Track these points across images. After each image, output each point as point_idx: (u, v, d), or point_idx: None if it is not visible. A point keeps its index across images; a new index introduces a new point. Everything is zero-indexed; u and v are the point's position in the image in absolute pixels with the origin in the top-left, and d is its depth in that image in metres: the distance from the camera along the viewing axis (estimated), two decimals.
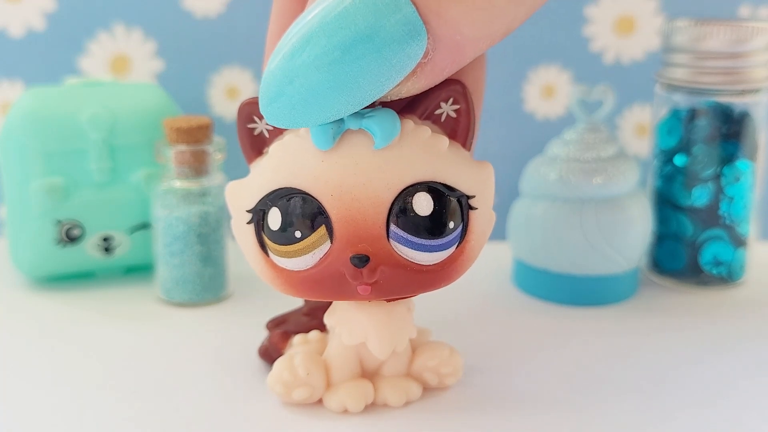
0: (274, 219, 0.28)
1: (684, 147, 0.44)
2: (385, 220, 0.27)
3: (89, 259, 0.44)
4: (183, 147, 0.40)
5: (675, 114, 0.44)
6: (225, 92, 0.52)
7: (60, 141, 0.42)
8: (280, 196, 0.27)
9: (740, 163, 0.43)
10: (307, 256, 0.28)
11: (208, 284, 0.42)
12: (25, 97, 0.42)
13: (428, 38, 0.24)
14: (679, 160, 0.44)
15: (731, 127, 0.43)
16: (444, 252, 0.28)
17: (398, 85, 0.25)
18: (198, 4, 0.50)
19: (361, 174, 0.26)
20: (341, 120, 0.26)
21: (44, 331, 0.39)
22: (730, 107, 0.43)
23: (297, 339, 0.33)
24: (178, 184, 0.41)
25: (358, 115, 0.26)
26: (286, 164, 0.27)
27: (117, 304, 0.42)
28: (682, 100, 0.44)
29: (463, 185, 0.28)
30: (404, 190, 0.27)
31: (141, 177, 0.43)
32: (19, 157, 0.42)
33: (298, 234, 0.27)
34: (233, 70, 0.51)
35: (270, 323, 0.35)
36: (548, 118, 0.53)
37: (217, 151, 0.41)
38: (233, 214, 0.29)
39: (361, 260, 0.27)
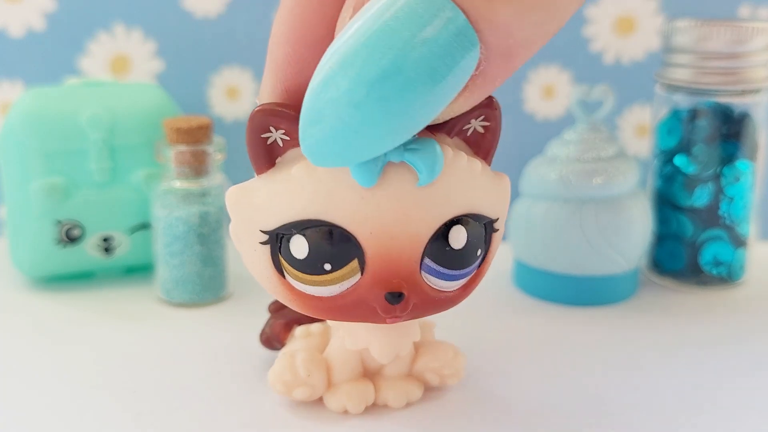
0: (299, 248, 0.26)
1: (684, 147, 0.44)
2: (420, 256, 0.26)
3: (89, 259, 0.44)
4: (183, 147, 0.40)
5: (675, 114, 0.44)
6: (225, 92, 0.52)
7: (60, 141, 0.42)
8: (308, 226, 0.26)
9: (740, 163, 0.43)
10: (334, 287, 0.26)
11: (208, 284, 0.42)
12: (25, 97, 0.42)
13: (480, 47, 0.22)
14: (679, 160, 0.44)
15: (731, 128, 0.43)
16: (468, 277, 0.28)
17: (449, 104, 0.23)
18: (198, 4, 0.50)
19: (401, 212, 0.25)
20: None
21: (44, 331, 0.39)
22: (730, 107, 0.43)
23: (299, 331, 0.33)
24: (178, 184, 0.41)
25: (400, 146, 0.24)
26: (319, 195, 0.25)
27: (117, 304, 0.42)
28: (682, 101, 0.44)
29: (490, 211, 0.27)
30: (442, 224, 0.26)
31: (141, 177, 0.43)
32: (19, 157, 0.42)
33: (327, 266, 0.26)
34: (233, 70, 0.51)
35: (272, 305, 0.35)
36: (548, 118, 0.53)
37: (217, 151, 0.41)
38: (235, 221, 0.28)
39: (396, 296, 0.26)
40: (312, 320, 0.34)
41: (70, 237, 0.43)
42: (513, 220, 0.43)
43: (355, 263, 0.26)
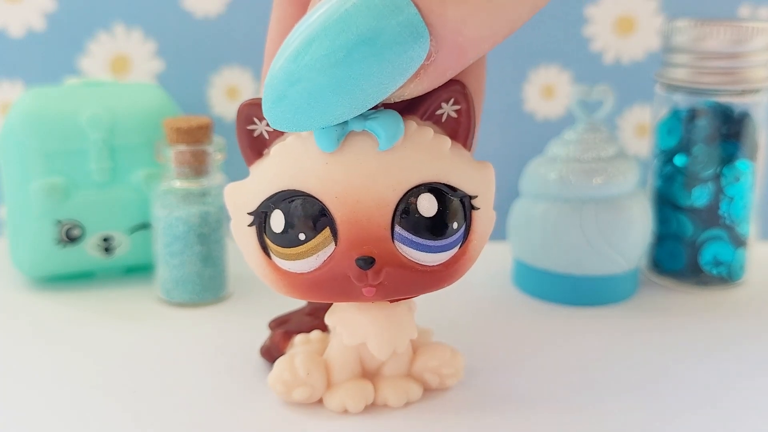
0: (277, 221, 0.28)
1: (684, 147, 0.44)
2: (389, 222, 0.27)
3: (89, 259, 0.44)
4: (183, 147, 0.40)
5: (675, 114, 0.44)
6: (225, 92, 0.52)
7: (60, 141, 0.42)
8: (283, 199, 0.27)
9: (740, 163, 0.43)
10: (311, 259, 0.27)
11: (208, 284, 0.42)
12: (25, 97, 0.42)
13: (431, 40, 0.24)
14: (679, 160, 0.44)
15: (731, 127, 0.43)
16: (447, 252, 0.28)
17: (401, 87, 0.25)
18: (198, 4, 0.50)
19: (365, 176, 0.26)
20: (345, 122, 0.26)
21: (44, 331, 0.39)
22: (730, 107, 0.43)
23: (298, 339, 0.33)
24: (178, 184, 0.41)
25: (362, 116, 0.26)
26: (289, 166, 0.27)
27: (117, 304, 0.42)
28: (682, 100, 0.44)
29: (465, 186, 0.28)
30: (408, 191, 0.27)
31: (141, 177, 0.43)
32: (19, 157, 0.42)
33: (302, 236, 0.27)
34: (233, 70, 0.51)
35: (272, 323, 0.35)
36: (548, 118, 0.53)
37: (217, 151, 0.41)
38: (233, 216, 0.29)
39: (366, 262, 0.27)
40: (310, 330, 0.34)
41: (70, 237, 0.43)
42: (513, 220, 0.43)
43: (327, 232, 0.27)
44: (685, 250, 0.45)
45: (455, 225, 0.28)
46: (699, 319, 0.41)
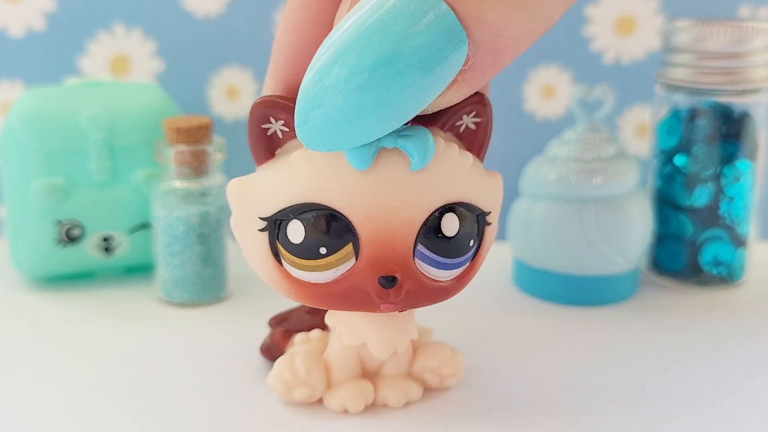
0: (296, 232, 0.27)
1: (684, 147, 0.44)
2: (413, 241, 0.27)
3: (89, 259, 0.44)
4: (183, 147, 0.40)
5: (675, 114, 0.44)
6: (225, 92, 0.52)
7: (60, 141, 0.42)
8: (304, 210, 0.27)
9: (740, 163, 0.43)
10: (330, 272, 0.27)
11: (208, 284, 0.42)
12: (25, 97, 0.42)
13: (469, 43, 0.23)
14: (679, 160, 0.44)
15: (731, 127, 0.43)
16: (461, 268, 0.28)
17: (440, 96, 0.24)
18: (198, 4, 0.50)
19: (396, 196, 0.26)
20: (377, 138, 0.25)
21: (44, 331, 0.39)
22: (730, 107, 0.43)
23: (298, 337, 0.33)
24: (178, 184, 0.41)
25: (394, 133, 0.25)
26: (316, 179, 0.26)
27: (117, 304, 0.42)
28: (682, 100, 0.44)
29: (482, 203, 0.28)
30: (434, 211, 0.27)
31: (141, 177, 0.43)
32: (19, 157, 0.42)
33: (323, 251, 0.27)
34: (233, 70, 0.51)
35: (272, 320, 0.35)
36: (548, 118, 0.53)
37: (217, 151, 0.41)
38: (236, 212, 0.29)
39: (389, 281, 0.26)
40: (311, 329, 0.34)
41: (70, 237, 0.43)
42: (513, 220, 0.43)
43: (349, 247, 0.27)
44: (685, 250, 0.45)
45: (471, 242, 0.28)
46: (699, 319, 0.41)
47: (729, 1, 0.51)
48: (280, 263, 0.28)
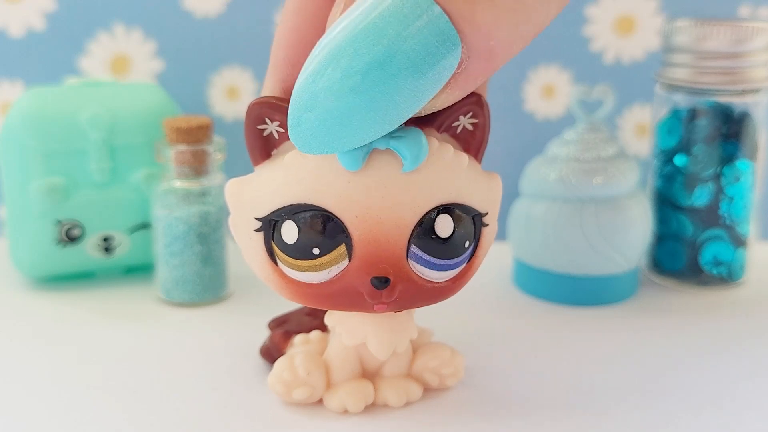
0: (289, 233, 0.27)
1: (684, 147, 0.44)
2: (406, 242, 0.27)
3: (89, 259, 0.44)
4: (183, 147, 0.40)
5: (675, 114, 0.44)
6: (225, 92, 0.52)
7: (60, 141, 0.42)
8: (297, 211, 0.27)
9: (740, 163, 0.43)
10: (323, 272, 0.27)
11: (208, 284, 0.42)
12: (25, 97, 0.42)
13: (462, 47, 0.23)
14: (679, 160, 0.44)
15: (731, 127, 0.43)
16: (457, 269, 0.28)
17: (433, 99, 0.24)
18: (198, 4, 0.50)
19: (388, 197, 0.26)
20: None
21: (44, 331, 0.39)
22: (730, 107, 0.43)
23: (298, 339, 0.33)
24: (178, 184, 0.41)
25: (386, 134, 0.25)
26: (308, 180, 0.26)
27: (117, 304, 0.42)
28: (682, 100, 0.44)
29: (478, 204, 0.28)
30: (427, 212, 0.27)
31: (141, 177, 0.43)
32: (19, 157, 0.42)
33: (316, 251, 0.27)
34: (233, 70, 0.51)
35: (272, 323, 0.35)
36: (548, 118, 0.53)
37: (217, 151, 0.41)
38: (234, 212, 0.29)
39: (381, 281, 0.27)
40: (310, 330, 0.34)
41: (70, 237, 0.43)
42: (513, 220, 0.43)
43: (342, 248, 0.27)
44: (685, 250, 0.45)
45: (467, 244, 0.28)
46: (699, 319, 0.41)
47: (729, 1, 0.51)
48: (276, 263, 0.28)
